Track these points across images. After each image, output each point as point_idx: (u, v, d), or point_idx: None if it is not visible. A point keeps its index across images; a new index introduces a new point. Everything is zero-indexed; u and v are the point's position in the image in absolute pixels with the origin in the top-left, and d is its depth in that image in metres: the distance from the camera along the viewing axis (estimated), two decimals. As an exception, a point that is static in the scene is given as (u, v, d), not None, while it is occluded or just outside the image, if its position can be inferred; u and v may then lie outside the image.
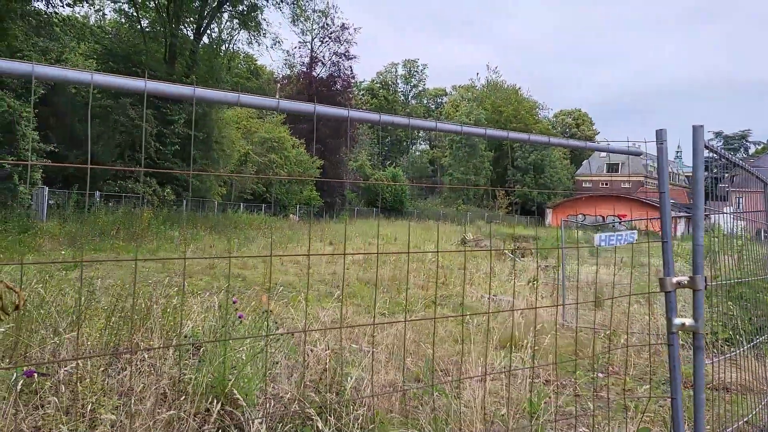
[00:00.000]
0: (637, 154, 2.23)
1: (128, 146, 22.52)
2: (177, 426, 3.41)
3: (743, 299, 6.77)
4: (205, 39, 30.22)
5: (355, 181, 47.21)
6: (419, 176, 66.73)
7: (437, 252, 11.17)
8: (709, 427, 3.90)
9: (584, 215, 43.34)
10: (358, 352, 5.61)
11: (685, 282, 2.03)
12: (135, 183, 22.52)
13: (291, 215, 34.44)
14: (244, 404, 3.50)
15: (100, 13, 28.87)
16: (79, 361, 3.74)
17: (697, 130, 2.11)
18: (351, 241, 21.20)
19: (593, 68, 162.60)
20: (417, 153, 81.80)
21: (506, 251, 17.62)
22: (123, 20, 28.21)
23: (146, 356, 4.40)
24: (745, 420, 3.16)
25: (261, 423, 3.54)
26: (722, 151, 2.40)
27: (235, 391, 3.13)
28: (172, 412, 3.15)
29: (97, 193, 20.61)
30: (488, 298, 9.56)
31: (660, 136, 2.14)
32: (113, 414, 3.45)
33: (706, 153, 2.49)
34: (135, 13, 26.98)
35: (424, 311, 8.79)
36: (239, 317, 4.04)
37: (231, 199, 31.79)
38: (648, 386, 5.03)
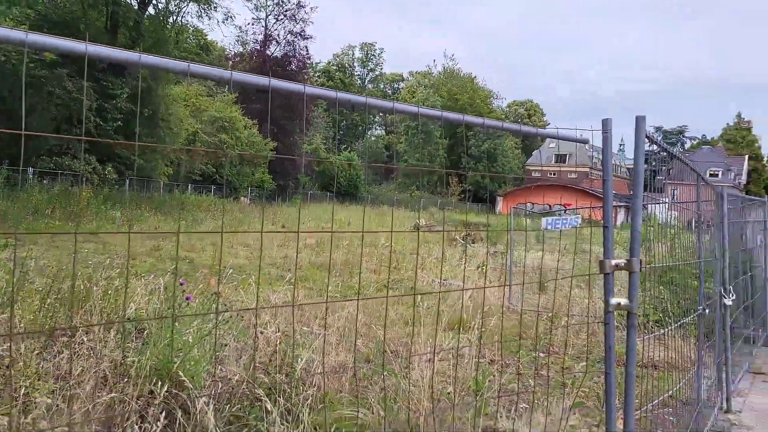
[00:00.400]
0: (584, 141, 2.31)
1: (65, 120, 21.37)
2: (119, 409, 3.33)
3: (673, 284, 7.19)
4: (151, 9, 28.96)
5: (309, 158, 46.70)
6: (374, 161, 66.71)
7: (391, 232, 11.23)
8: (637, 401, 4.13)
9: (533, 203, 44.58)
10: (309, 334, 5.61)
11: (623, 264, 2.13)
12: (73, 159, 21.46)
13: (242, 198, 33.79)
14: (190, 386, 3.45)
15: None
16: (11, 343, 3.57)
17: (639, 121, 2.20)
18: (304, 225, 21.01)
19: (557, 56, 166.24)
20: (373, 138, 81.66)
21: (457, 237, 17.93)
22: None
23: (85, 339, 4.25)
24: (668, 394, 3.37)
25: (207, 404, 3.50)
26: (663, 143, 2.52)
27: (181, 373, 3.07)
28: (113, 395, 3.06)
29: (31, 170, 19.54)
30: (438, 283, 9.73)
31: (605, 126, 2.22)
32: (49, 398, 3.32)
33: (647, 145, 2.61)
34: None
35: (376, 295, 8.86)
36: (187, 299, 3.95)
37: (178, 179, 30.86)
38: (584, 364, 5.28)
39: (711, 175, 72.05)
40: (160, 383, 3.46)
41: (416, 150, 62.37)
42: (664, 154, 3.78)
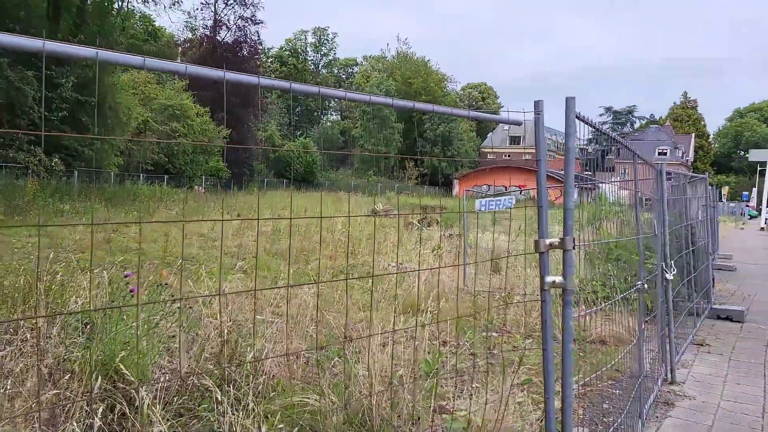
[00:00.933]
0: (517, 123, 2.36)
1: (6, 110, 20.32)
2: (63, 406, 3.24)
3: (621, 261, 7.48)
4: (95, -5, 27.66)
5: (264, 147, 45.97)
6: (330, 147, 66.22)
7: (348, 217, 11.24)
8: (581, 374, 4.32)
9: (488, 185, 45.32)
10: (262, 322, 5.58)
11: (556, 243, 2.21)
12: (17, 152, 20.48)
13: (196, 187, 33.02)
14: (134, 381, 3.38)
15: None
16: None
17: (569, 102, 2.27)
18: (259, 213, 20.72)
19: (513, 44, 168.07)
20: (328, 124, 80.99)
21: (413, 221, 18.07)
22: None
23: (29, 336, 4.11)
24: (605, 368, 3.52)
25: (155, 398, 3.44)
26: (595, 123, 2.60)
27: (122, 366, 3.01)
28: (55, 391, 2.98)
29: (-29, 163, 18.56)
30: (394, 267, 9.80)
31: (537, 107, 2.28)
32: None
33: (584, 127, 2.69)
34: (9, -39, 24.03)
35: (333, 279, 8.85)
36: (131, 291, 3.86)
37: (129, 169, 29.87)
38: (532, 341, 5.45)
39: (660, 153, 74.78)
40: (104, 379, 3.38)
41: (372, 135, 62.28)
42: (610, 134, 3.91)
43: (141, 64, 1.67)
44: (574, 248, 2.20)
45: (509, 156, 76.01)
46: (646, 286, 4.06)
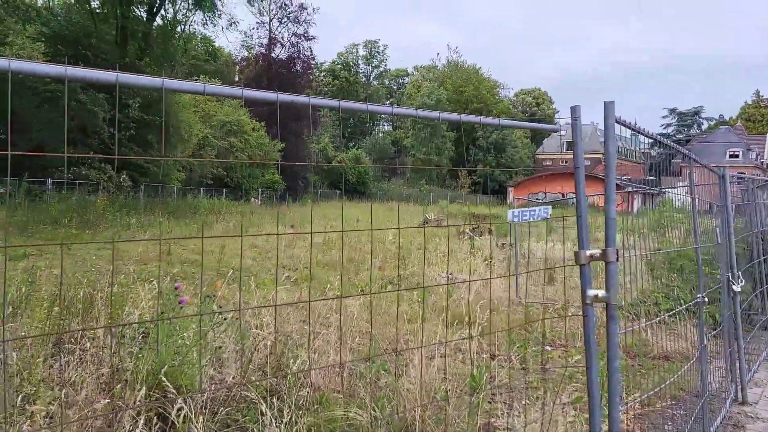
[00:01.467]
0: (555, 130, 2.27)
1: (80, 131, 21.69)
2: (115, 414, 3.36)
3: (684, 271, 7.06)
4: (159, 20, 29.23)
5: (317, 164, 46.81)
6: (382, 157, 66.68)
7: (398, 229, 11.21)
8: (640, 392, 4.08)
9: (544, 193, 44.21)
10: (309, 334, 5.62)
11: (598, 255, 2.10)
12: (89, 169, 21.78)
13: (253, 199, 34.00)
14: (184, 390, 3.47)
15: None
16: (13, 352, 3.63)
17: (607, 106, 2.16)
18: (313, 224, 21.06)
19: (559, 47, 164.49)
20: (380, 134, 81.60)
21: (465, 230, 17.84)
22: (72, 1, 26.96)
23: (89, 345, 4.31)
24: (669, 382, 3.31)
25: (203, 407, 3.53)
26: (637, 125, 2.47)
27: (164, 379, 3.09)
28: (106, 401, 3.10)
29: (49, 181, 19.86)
30: (445, 277, 9.69)
31: (574, 113, 2.18)
32: (50, 405, 3.37)
33: (622, 131, 2.56)
34: (84, -6, 25.82)
35: (382, 291, 8.83)
36: (180, 302, 3.98)
37: (191, 184, 31.14)
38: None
39: (731, 155, 70.39)
40: (155, 388, 3.49)
41: (423, 144, 62.19)
42: (681, 137, 3.72)
43: (201, 90, 1.80)
44: (617, 260, 2.08)
45: (566, 162, 73.98)
46: (707, 299, 3.81)
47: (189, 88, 1.84)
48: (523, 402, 4.30)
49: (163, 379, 3.07)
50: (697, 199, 4.28)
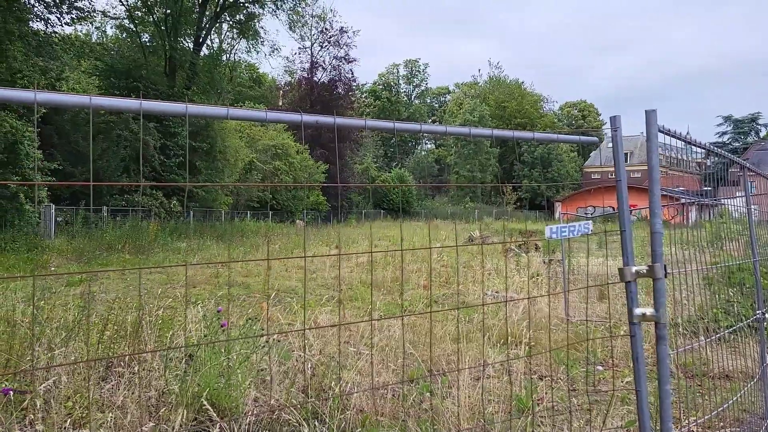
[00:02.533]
0: (593, 142, 2.19)
1: (133, 160, 22.72)
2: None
3: (745, 285, 6.67)
4: (205, 50, 30.45)
5: (358, 185, 47.20)
6: (425, 176, 66.66)
7: (431, 248, 11.09)
8: (701, 413, 3.83)
9: (594, 207, 43.00)
10: (354, 354, 5.59)
11: (644, 271, 1.99)
12: (141, 196, 22.70)
13: (298, 221, 34.53)
14: (228, 413, 3.50)
15: (102, 30, 29.22)
16: (64, 376, 3.75)
17: (649, 115, 2.06)
18: (357, 244, 21.18)
19: (604, 57, 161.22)
20: (423, 153, 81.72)
21: (513, 247, 17.50)
22: (124, 35, 28.49)
23: (137, 369, 4.42)
24: (730, 403, 3.09)
25: (247, 431, 3.54)
26: (682, 134, 2.35)
27: (204, 402, 3.11)
28: (151, 424, 3.15)
29: (104, 208, 20.81)
30: (489, 295, 9.50)
31: (614, 123, 2.10)
32: (98, 429, 3.46)
33: (666, 140, 2.45)
34: (134, 29, 27.23)
35: (425, 311, 8.73)
36: (222, 326, 4.04)
37: (237, 207, 31.94)
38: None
39: (791, 164, 66.96)
40: (198, 410, 3.53)
41: (467, 161, 61.82)
42: (738, 145, 3.54)
43: (225, 114, 1.83)
44: (666, 276, 1.97)
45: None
46: (766, 315, 3.56)
47: (212, 112, 1.87)
48: (573, 424, 4.11)
49: (204, 402, 3.10)
50: (754, 209, 4.04)
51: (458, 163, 63.42)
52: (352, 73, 48.12)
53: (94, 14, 22.96)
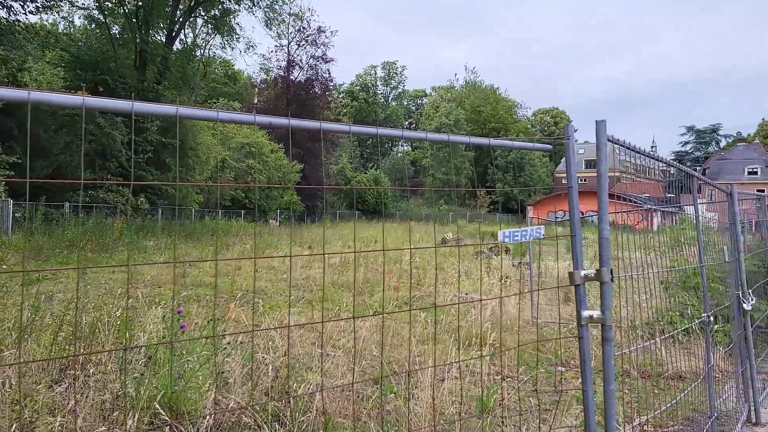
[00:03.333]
0: (547, 150, 2.23)
1: (98, 155, 22.17)
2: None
3: (699, 289, 6.88)
4: (178, 44, 29.94)
5: (332, 187, 47.08)
6: (401, 177, 66.81)
7: (410, 249, 11.15)
8: (653, 413, 3.93)
9: (564, 211, 43.78)
10: (320, 356, 5.57)
11: (592, 275, 2.03)
12: (107, 193, 22.18)
13: (271, 220, 34.23)
14: (186, 416, 3.44)
15: (69, 21, 28.47)
16: (14, 378, 3.64)
17: (599, 125, 2.11)
18: (330, 245, 21.09)
19: (584, 67, 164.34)
20: (399, 154, 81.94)
21: (483, 250, 17.66)
22: (92, 27, 27.77)
23: (92, 371, 4.31)
24: (674, 403, 3.18)
25: (204, 433, 3.49)
26: (632, 144, 2.41)
27: (158, 406, 3.06)
28: (102, 428, 3.08)
29: (67, 204, 20.25)
30: (460, 297, 9.57)
31: (566, 132, 2.14)
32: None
33: (613, 150, 2.50)
34: (104, 20, 26.58)
35: (397, 311, 8.75)
36: (182, 327, 3.97)
37: (209, 206, 31.50)
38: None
39: (749, 173, 69.33)
40: (154, 414, 3.46)
41: (442, 164, 62.24)
42: (699, 154, 3.63)
43: (215, 117, 1.85)
44: (612, 280, 2.01)
45: (585, 180, 73.31)
46: (712, 318, 3.68)
47: (203, 115, 1.88)
48: (530, 424, 4.17)
49: (157, 406, 3.04)
50: (707, 217, 4.17)
51: (434, 166, 63.82)
52: (330, 73, 48.06)
53: (61, 3, 22.35)
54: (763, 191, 6.68)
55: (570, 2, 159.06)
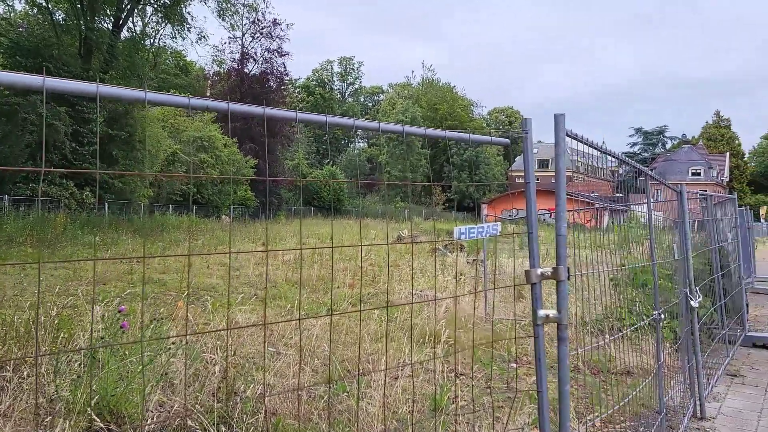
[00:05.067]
0: (505, 144, 2.19)
1: (39, 146, 21.05)
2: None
3: (646, 286, 7.10)
4: (126, 33, 28.79)
5: (288, 179, 46.49)
6: (357, 174, 66.64)
7: (360, 246, 11.07)
8: (604, 408, 4.01)
9: (517, 209, 44.70)
10: (274, 355, 5.43)
11: (549, 273, 2.01)
12: (49, 185, 21.12)
13: (224, 216, 33.45)
14: (127, 420, 3.26)
15: (8, 5, 26.89)
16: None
17: (558, 119, 2.09)
18: (285, 242, 20.78)
19: (542, 69, 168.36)
20: (355, 151, 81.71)
21: (439, 247, 17.78)
22: (34, 11, 26.33)
23: (25, 373, 4.05)
24: (627, 399, 3.24)
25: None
26: (588, 138, 2.41)
27: (90, 410, 2.88)
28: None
29: (6, 197, 19.16)
30: (416, 294, 9.57)
31: (525, 126, 2.11)
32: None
33: (571, 144, 2.50)
34: (46, 5, 25.23)
35: (350, 309, 8.66)
36: (122, 326, 3.76)
37: (159, 201, 30.49)
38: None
39: (693, 173, 72.78)
40: (94, 418, 3.26)
41: (398, 161, 62.47)
42: (647, 155, 3.70)
43: (186, 103, 1.72)
44: (569, 278, 1.99)
45: (538, 179, 75.09)
46: (663, 315, 3.77)
47: (174, 101, 1.77)
48: (483, 422, 4.18)
49: (89, 410, 2.85)
50: (654, 216, 4.28)
51: (390, 163, 63.94)
52: (285, 67, 47.22)
53: (0, -14, 21.09)
54: (705, 191, 6.96)
55: (524, 7, 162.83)
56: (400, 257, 15.15)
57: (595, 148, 2.54)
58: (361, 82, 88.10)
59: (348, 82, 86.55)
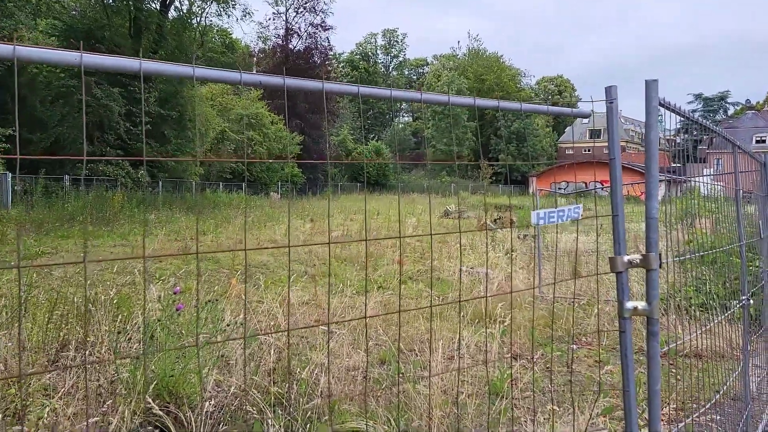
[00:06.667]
0: (585, 115, 1.96)
1: (96, 127, 21.76)
2: (114, 425, 3.16)
3: (716, 264, 6.64)
4: (173, 12, 29.16)
5: (334, 161, 46.63)
6: (402, 149, 66.19)
7: (400, 236, 10.94)
8: (675, 395, 3.75)
9: (567, 182, 43.37)
10: (323, 334, 5.39)
11: (638, 261, 1.79)
12: (106, 165, 21.87)
13: (272, 193, 33.95)
14: (185, 401, 3.26)
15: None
16: (11, 360, 3.46)
17: (650, 85, 1.84)
18: (332, 218, 20.87)
19: (589, 34, 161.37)
20: (400, 125, 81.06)
21: (488, 222, 17.43)
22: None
23: (87, 353, 4.13)
24: (709, 403, 2.98)
25: (209, 417, 3.31)
26: (683, 109, 2.14)
27: (149, 398, 2.86)
28: (95, 418, 2.89)
29: (66, 177, 19.97)
30: (465, 271, 9.38)
31: (609, 94, 1.87)
32: (46, 416, 3.19)
33: (669, 115, 2.23)
34: (97, -13, 25.80)
35: (402, 287, 8.57)
36: (177, 309, 3.76)
37: (210, 179, 31.19)
38: (615, 356, 4.87)
39: (758, 141, 68.54)
40: (154, 398, 3.28)
41: (444, 135, 61.56)
42: (703, 122, 3.36)
43: (238, 79, 1.64)
44: (661, 266, 1.77)
45: (588, 150, 72.57)
46: (752, 301, 3.45)
47: (225, 77, 1.65)
48: (549, 407, 4.00)
49: (149, 397, 2.84)
50: (721, 188, 3.92)
51: (435, 137, 63.12)
52: (329, 42, 47.13)
53: (53, -29, 21.66)
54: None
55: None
56: (448, 234, 14.95)
57: (692, 120, 2.26)
58: (405, 55, 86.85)
59: (392, 54, 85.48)
